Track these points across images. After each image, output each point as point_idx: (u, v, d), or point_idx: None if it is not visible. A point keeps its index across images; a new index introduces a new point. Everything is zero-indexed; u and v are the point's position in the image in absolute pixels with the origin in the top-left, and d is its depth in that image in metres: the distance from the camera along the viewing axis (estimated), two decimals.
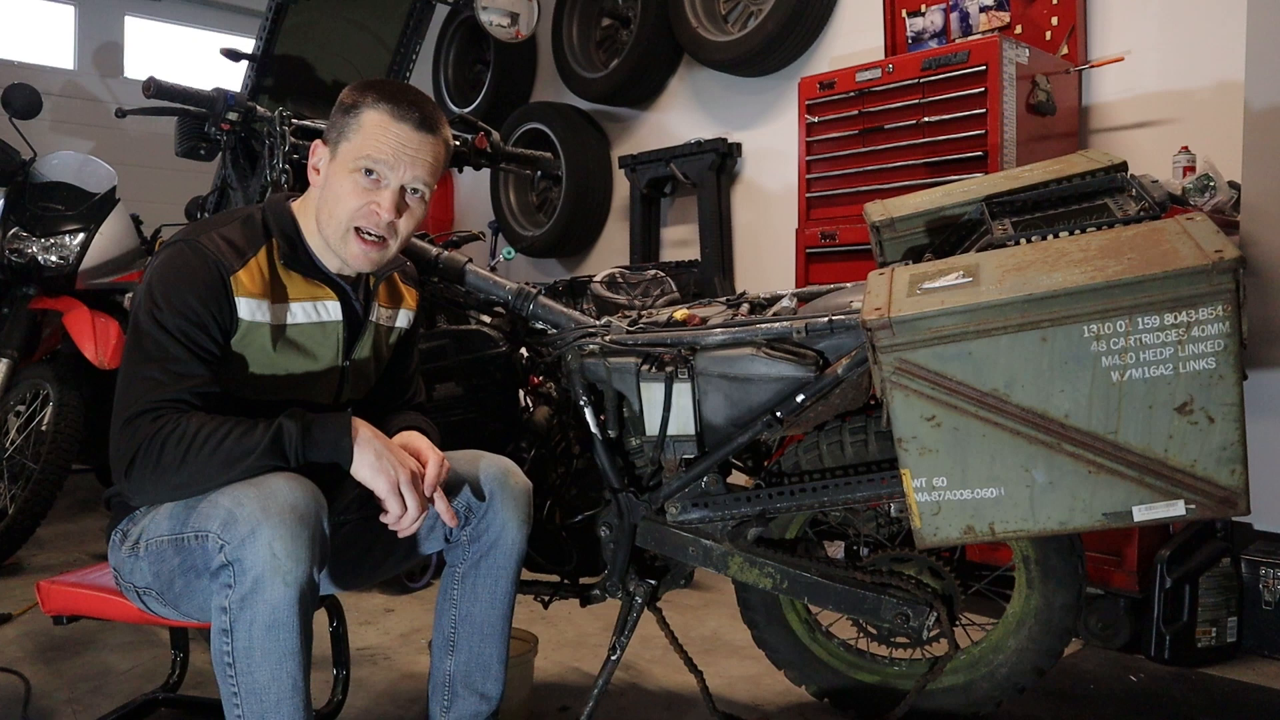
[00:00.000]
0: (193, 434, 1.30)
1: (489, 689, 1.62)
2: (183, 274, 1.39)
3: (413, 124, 1.44)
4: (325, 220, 1.47)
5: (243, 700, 1.31)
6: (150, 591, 1.45)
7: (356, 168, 1.43)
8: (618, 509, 1.83)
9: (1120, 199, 1.54)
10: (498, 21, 2.97)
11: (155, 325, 1.36)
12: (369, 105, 1.44)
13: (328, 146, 1.48)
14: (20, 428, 3.13)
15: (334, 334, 1.54)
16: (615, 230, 4.72)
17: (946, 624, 1.69)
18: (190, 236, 1.43)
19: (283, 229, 1.50)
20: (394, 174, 1.44)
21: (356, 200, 1.44)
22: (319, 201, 1.48)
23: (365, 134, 1.43)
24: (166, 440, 1.29)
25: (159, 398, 1.33)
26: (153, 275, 1.41)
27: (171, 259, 1.41)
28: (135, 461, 1.31)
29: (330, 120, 1.49)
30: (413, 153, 1.44)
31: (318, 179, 1.49)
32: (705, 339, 1.70)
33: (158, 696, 1.94)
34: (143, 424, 1.31)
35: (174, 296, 1.37)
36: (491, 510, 1.56)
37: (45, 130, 4.81)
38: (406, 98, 1.46)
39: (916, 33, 3.38)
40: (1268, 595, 2.36)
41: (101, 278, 3.39)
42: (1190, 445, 1.25)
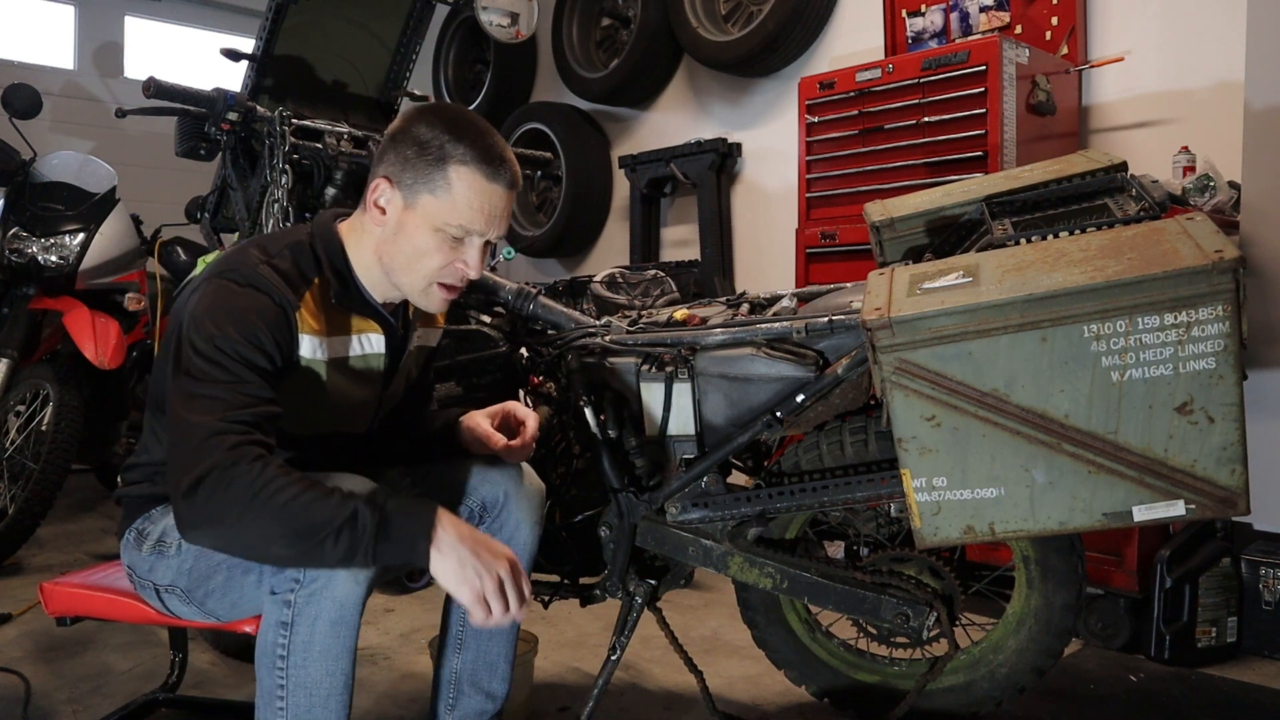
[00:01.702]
0: (266, 480, 1.19)
1: (495, 688, 1.62)
2: (245, 304, 1.31)
3: (505, 184, 1.38)
4: (400, 270, 1.40)
5: (290, 694, 1.30)
6: (174, 589, 1.43)
7: (443, 227, 1.37)
8: (618, 509, 1.83)
9: (1120, 199, 1.54)
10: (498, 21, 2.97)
11: (217, 350, 1.27)
12: (458, 161, 1.35)
13: (399, 190, 1.38)
14: (20, 428, 3.13)
15: (376, 366, 1.51)
16: (615, 230, 4.72)
17: (946, 624, 1.69)
18: (244, 269, 1.34)
19: (333, 262, 1.42)
20: (484, 232, 1.39)
21: (442, 258, 1.38)
22: (388, 247, 1.40)
23: (456, 196, 1.35)
24: (239, 476, 1.19)
25: (234, 417, 1.23)
26: (207, 301, 1.31)
27: (228, 289, 1.32)
28: (202, 483, 1.19)
29: (397, 155, 1.38)
30: (503, 211, 1.40)
31: (383, 220, 1.40)
32: (705, 339, 1.70)
33: (158, 697, 1.94)
34: (218, 446, 1.20)
35: (241, 324, 1.29)
36: (506, 510, 1.57)
37: (45, 130, 4.81)
38: (497, 153, 1.38)
39: (916, 33, 3.38)
40: (1268, 595, 2.36)
41: (101, 278, 3.39)
42: (1190, 445, 1.25)
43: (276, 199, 2.14)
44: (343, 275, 1.43)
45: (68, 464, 3.06)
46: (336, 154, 2.26)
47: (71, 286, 3.31)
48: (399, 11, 2.84)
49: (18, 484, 3.05)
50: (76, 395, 3.14)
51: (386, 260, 1.41)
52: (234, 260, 1.37)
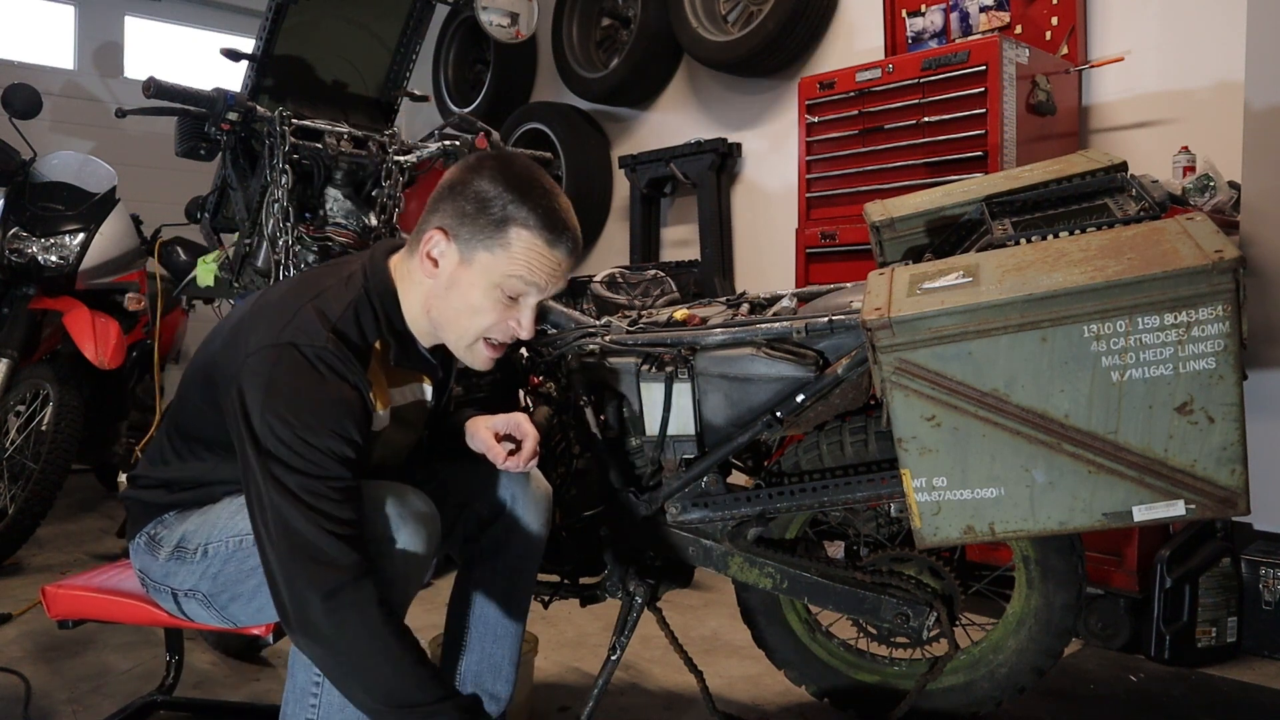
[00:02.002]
0: (376, 631, 1.21)
1: (499, 689, 1.63)
2: (330, 395, 1.26)
3: (566, 251, 1.37)
4: (448, 325, 1.38)
5: (325, 690, 1.32)
6: (195, 594, 1.42)
7: (499, 285, 1.34)
8: (618, 509, 1.83)
9: (1120, 199, 1.54)
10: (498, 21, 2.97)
11: (305, 444, 1.23)
12: (520, 224, 1.32)
13: (455, 244, 1.34)
14: (20, 428, 3.13)
15: (424, 411, 1.53)
16: (615, 230, 4.72)
17: (946, 624, 1.69)
18: (313, 341, 1.28)
19: (392, 322, 1.39)
20: (539, 294, 1.38)
21: (494, 316, 1.36)
22: (438, 302, 1.37)
23: (515, 257, 1.33)
24: (352, 618, 1.21)
25: (339, 521, 1.22)
26: (289, 387, 1.25)
27: (304, 371, 1.26)
28: (322, 609, 1.20)
29: (454, 208, 1.34)
30: (561, 274, 1.38)
31: (435, 273, 1.36)
32: (705, 339, 1.70)
33: (156, 699, 1.93)
34: (332, 567, 1.20)
35: (326, 419, 1.25)
36: (513, 513, 1.59)
37: (45, 130, 4.81)
38: (561, 219, 1.36)
39: (916, 33, 3.38)
40: (1268, 595, 2.36)
41: (101, 278, 3.39)
42: (1190, 445, 1.24)
43: (276, 199, 2.14)
44: (401, 335, 1.41)
45: (68, 464, 3.06)
46: (336, 154, 2.26)
47: (71, 286, 3.31)
48: (399, 11, 2.84)
49: (18, 484, 3.05)
50: (76, 395, 3.14)
51: (435, 314, 1.39)
52: (299, 324, 1.29)
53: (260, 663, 2.31)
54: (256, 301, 1.39)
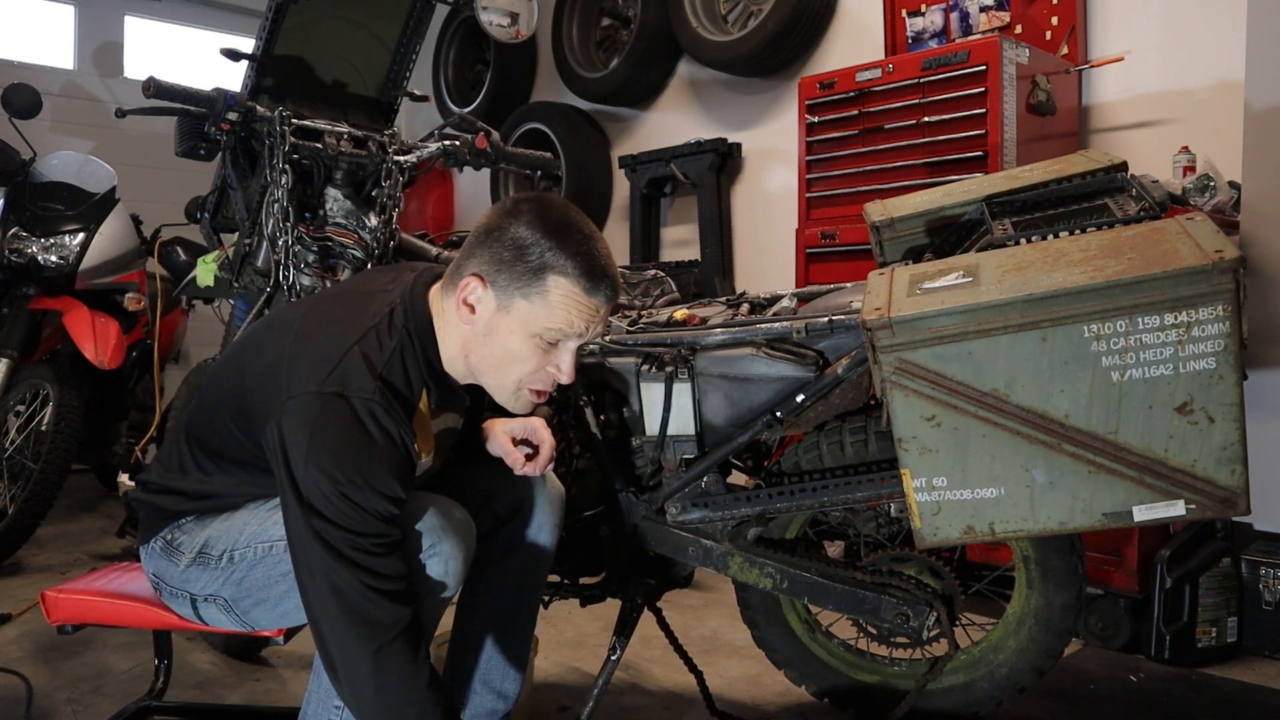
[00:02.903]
0: (418, 699, 1.24)
1: (507, 688, 1.63)
2: (371, 449, 1.24)
3: (604, 298, 1.33)
4: (489, 372, 1.37)
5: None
6: (216, 599, 1.42)
7: (539, 334, 1.32)
8: (618, 509, 1.83)
9: (1120, 199, 1.54)
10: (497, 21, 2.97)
11: (351, 504, 1.22)
12: (559, 272, 1.30)
13: (492, 291, 1.32)
14: (20, 428, 3.13)
15: (454, 434, 1.55)
16: (615, 230, 4.72)
17: (946, 624, 1.69)
18: (361, 392, 1.25)
19: (432, 366, 1.38)
20: (579, 340, 1.36)
21: (534, 363, 1.35)
22: (477, 347, 1.35)
23: (554, 306, 1.31)
24: (394, 684, 1.24)
25: (386, 584, 1.23)
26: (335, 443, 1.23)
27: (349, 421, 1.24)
28: (370, 673, 1.22)
29: (492, 253, 1.32)
30: (600, 319, 1.36)
31: (472, 319, 1.34)
32: (705, 339, 1.70)
33: (148, 704, 1.92)
34: (377, 632, 1.22)
35: (370, 477, 1.23)
36: (529, 512, 1.60)
37: (45, 130, 4.81)
38: (600, 264, 1.32)
39: (916, 33, 3.38)
40: (1268, 595, 2.36)
41: (101, 278, 3.39)
42: (1190, 445, 1.24)
43: (276, 199, 2.13)
44: (440, 378, 1.40)
45: (68, 464, 3.06)
46: (336, 154, 2.25)
47: (71, 286, 3.31)
48: (399, 11, 2.84)
49: (18, 484, 3.05)
50: (76, 395, 3.14)
51: (474, 360, 1.37)
52: (346, 373, 1.27)
53: (260, 663, 2.31)
54: (299, 334, 1.33)
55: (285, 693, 2.14)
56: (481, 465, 1.61)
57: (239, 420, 1.36)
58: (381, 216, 2.26)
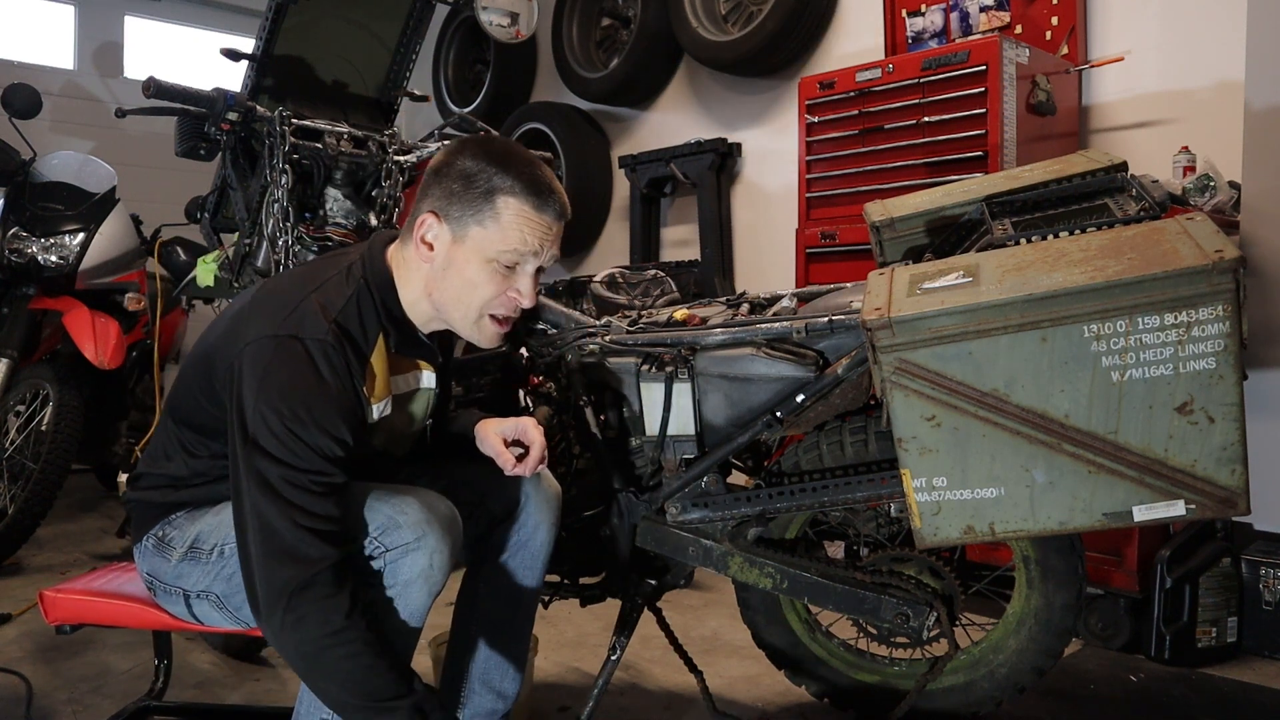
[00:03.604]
0: (336, 629, 1.23)
1: (506, 688, 1.63)
2: (321, 388, 1.28)
3: (553, 214, 1.39)
4: (452, 305, 1.40)
5: None
6: (209, 595, 1.43)
7: (495, 258, 1.37)
8: (618, 509, 1.83)
9: (1120, 199, 1.54)
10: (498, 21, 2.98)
11: (294, 437, 1.25)
12: (506, 193, 1.35)
13: (445, 224, 1.37)
14: (20, 428, 3.13)
15: (427, 398, 1.54)
16: (615, 230, 4.72)
17: (946, 624, 1.69)
18: (313, 334, 1.29)
19: (390, 310, 1.41)
20: (535, 261, 1.40)
21: (494, 289, 1.38)
22: (437, 281, 1.39)
23: (506, 226, 1.35)
24: (313, 614, 1.23)
25: (313, 515, 1.24)
26: (280, 372, 1.27)
27: (302, 361, 1.28)
28: (284, 608, 1.22)
29: (442, 189, 1.37)
30: (554, 238, 1.41)
31: (431, 256, 1.38)
32: (705, 339, 1.70)
33: (148, 704, 1.92)
34: (299, 562, 1.22)
35: (316, 411, 1.26)
36: (524, 513, 1.59)
37: (45, 130, 4.81)
38: (545, 184, 1.39)
39: (916, 33, 3.38)
40: (1268, 595, 2.36)
41: (101, 278, 3.39)
42: (1190, 445, 1.24)
43: (276, 199, 2.14)
44: (399, 321, 1.43)
45: (68, 464, 3.06)
46: (336, 154, 2.26)
47: (71, 286, 3.31)
48: (399, 11, 2.84)
49: (18, 484, 3.05)
50: (76, 395, 3.14)
51: (436, 296, 1.41)
52: (301, 317, 1.31)
53: (260, 663, 2.31)
54: (258, 292, 1.40)
55: (285, 693, 2.14)
56: (475, 465, 1.60)
57: (205, 379, 1.38)
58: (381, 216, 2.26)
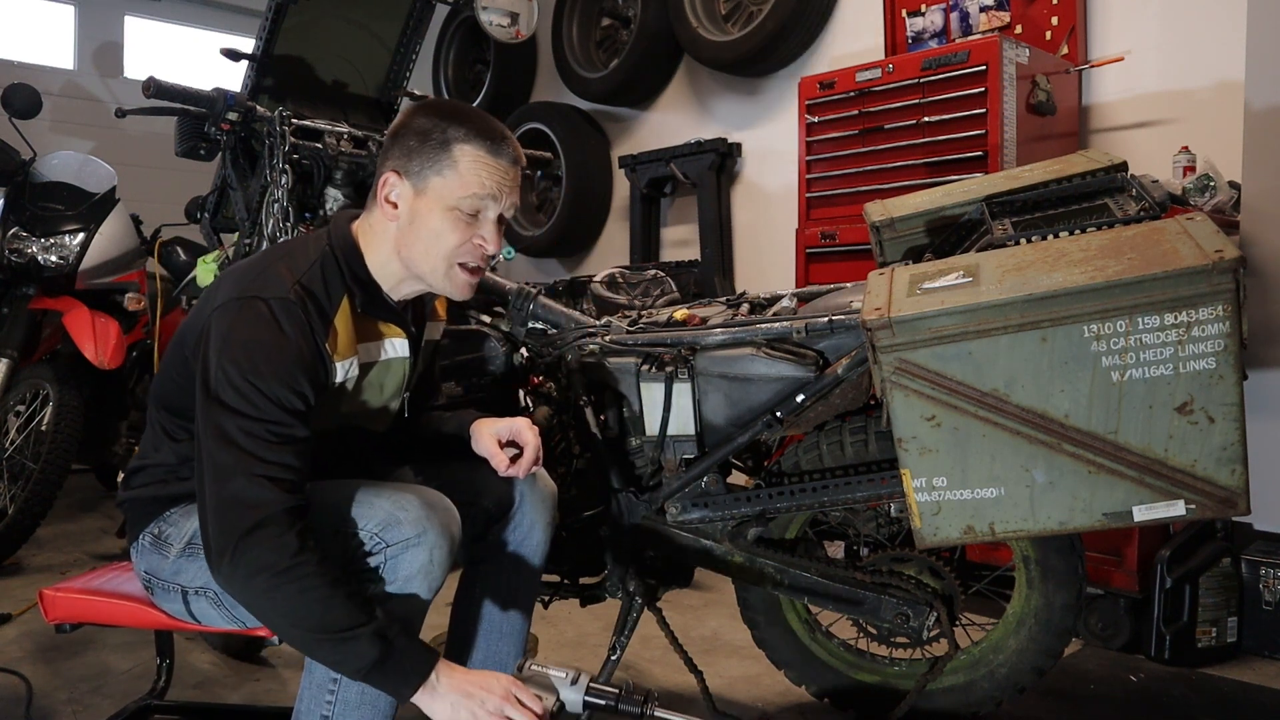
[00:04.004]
0: (291, 563, 1.23)
1: None
2: (279, 341, 1.31)
3: (509, 159, 1.41)
4: (420, 258, 1.41)
5: (343, 687, 1.33)
6: (207, 591, 1.42)
7: (456, 205, 1.39)
8: (618, 509, 1.83)
9: (1120, 199, 1.54)
10: (498, 21, 2.98)
11: (252, 388, 1.27)
12: (461, 140, 1.38)
13: (407, 180, 1.40)
14: (20, 428, 3.13)
15: (401, 368, 1.53)
16: (615, 230, 4.72)
17: (946, 624, 1.69)
18: (276, 293, 1.33)
19: (355, 272, 1.43)
20: (496, 206, 1.41)
21: (458, 237, 1.40)
22: (404, 237, 1.41)
23: (464, 172, 1.38)
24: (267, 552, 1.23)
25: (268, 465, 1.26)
26: (242, 330, 1.30)
27: (263, 318, 1.31)
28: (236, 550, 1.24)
29: (400, 148, 1.41)
30: (511, 183, 1.42)
31: (396, 214, 1.41)
32: (705, 339, 1.70)
33: (149, 703, 1.92)
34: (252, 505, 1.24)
35: (274, 363, 1.29)
36: (519, 513, 1.59)
37: (45, 130, 4.80)
38: (497, 130, 1.41)
39: (916, 33, 3.38)
40: (1268, 595, 2.36)
41: (101, 278, 3.39)
42: (1190, 445, 1.25)
43: (276, 199, 2.14)
44: (365, 283, 1.44)
45: (68, 464, 3.05)
46: (336, 154, 2.26)
47: (71, 286, 3.31)
48: (399, 11, 2.84)
49: (18, 484, 3.05)
50: (76, 395, 3.13)
51: (405, 252, 1.42)
52: (265, 280, 1.35)
53: (260, 663, 2.31)
54: (229, 267, 1.46)
55: (285, 693, 2.14)
56: (470, 465, 1.60)
57: (180, 360, 1.41)
58: None
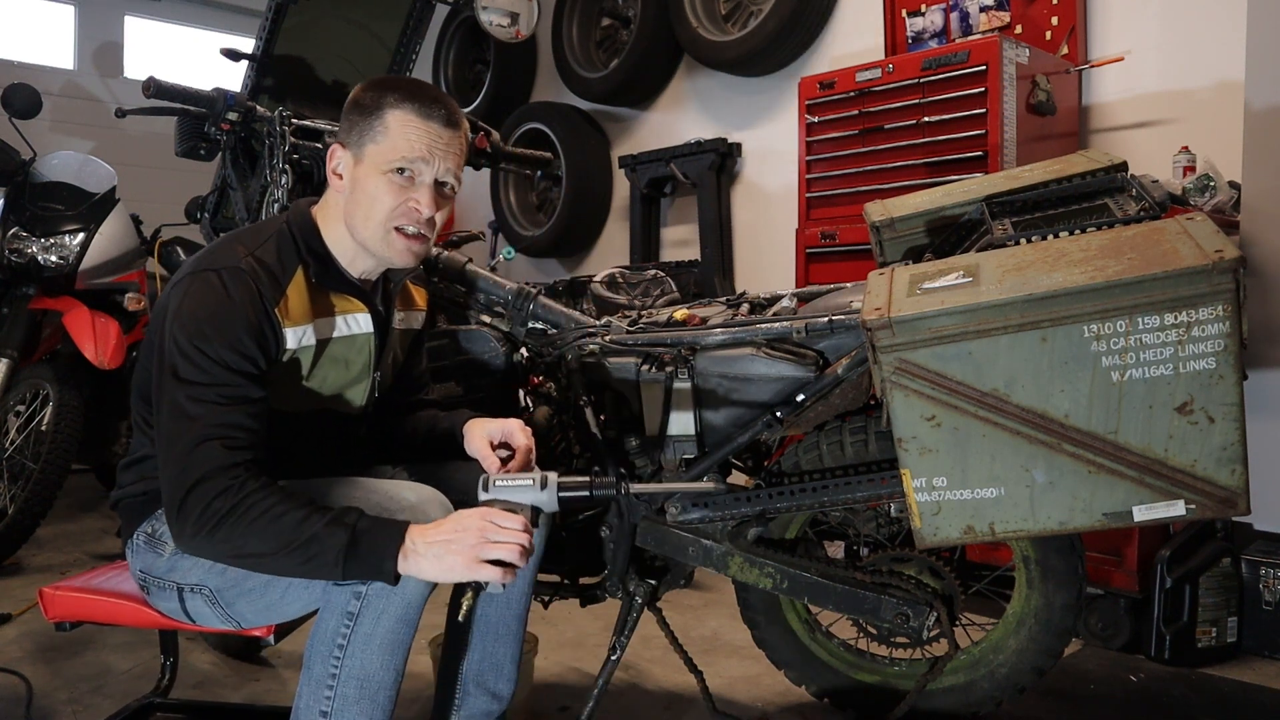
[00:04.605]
0: (245, 494, 1.26)
1: (501, 688, 1.63)
2: (227, 305, 1.34)
3: (441, 121, 1.44)
4: (361, 224, 1.44)
5: (341, 683, 1.32)
6: (201, 589, 1.43)
7: (390, 168, 1.42)
8: (618, 509, 1.83)
9: (1120, 199, 1.54)
10: (498, 21, 2.98)
11: (200, 354, 1.31)
12: (392, 105, 1.42)
13: (348, 150, 1.45)
14: (20, 428, 3.13)
15: (365, 346, 1.54)
16: (615, 230, 4.72)
17: (946, 624, 1.69)
18: (227, 264, 1.38)
19: (310, 245, 1.47)
20: (429, 169, 1.44)
21: (393, 199, 1.42)
22: (348, 206, 1.45)
23: (394, 135, 1.41)
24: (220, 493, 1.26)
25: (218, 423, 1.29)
26: (192, 300, 1.34)
27: (212, 287, 1.35)
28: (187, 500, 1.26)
29: (346, 122, 1.46)
30: (444, 147, 1.44)
31: (341, 184, 1.46)
32: (705, 339, 1.70)
33: (152, 701, 1.92)
34: (202, 458, 1.27)
35: (221, 327, 1.32)
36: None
37: (45, 130, 4.81)
38: (429, 94, 1.45)
39: (916, 33, 3.38)
40: (1268, 595, 2.36)
41: (101, 278, 3.39)
42: (1190, 445, 1.25)
43: (276, 199, 2.14)
44: (321, 256, 1.48)
45: (68, 464, 3.06)
46: None
47: (71, 286, 3.31)
48: (399, 11, 2.84)
49: (18, 484, 3.05)
50: (76, 395, 3.14)
51: (349, 220, 1.46)
52: (218, 254, 1.41)
53: (260, 663, 2.31)
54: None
55: (285, 693, 2.14)
56: (464, 464, 1.60)
57: (149, 346, 1.43)
58: None
